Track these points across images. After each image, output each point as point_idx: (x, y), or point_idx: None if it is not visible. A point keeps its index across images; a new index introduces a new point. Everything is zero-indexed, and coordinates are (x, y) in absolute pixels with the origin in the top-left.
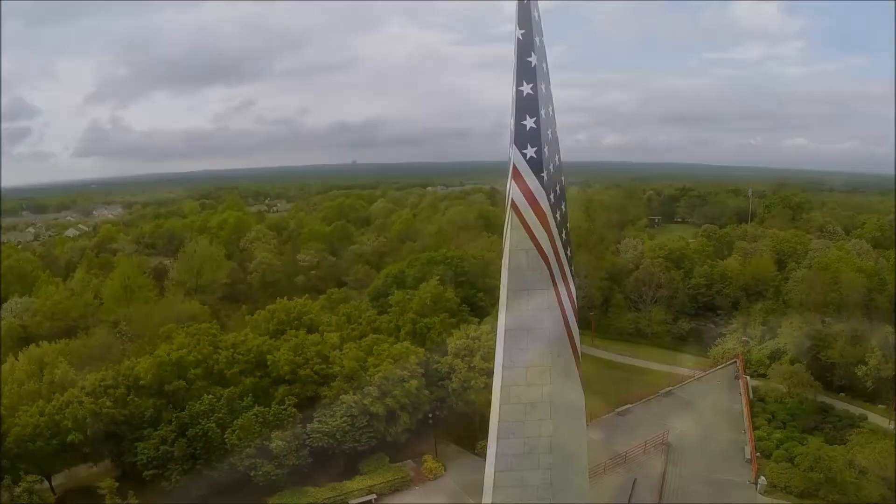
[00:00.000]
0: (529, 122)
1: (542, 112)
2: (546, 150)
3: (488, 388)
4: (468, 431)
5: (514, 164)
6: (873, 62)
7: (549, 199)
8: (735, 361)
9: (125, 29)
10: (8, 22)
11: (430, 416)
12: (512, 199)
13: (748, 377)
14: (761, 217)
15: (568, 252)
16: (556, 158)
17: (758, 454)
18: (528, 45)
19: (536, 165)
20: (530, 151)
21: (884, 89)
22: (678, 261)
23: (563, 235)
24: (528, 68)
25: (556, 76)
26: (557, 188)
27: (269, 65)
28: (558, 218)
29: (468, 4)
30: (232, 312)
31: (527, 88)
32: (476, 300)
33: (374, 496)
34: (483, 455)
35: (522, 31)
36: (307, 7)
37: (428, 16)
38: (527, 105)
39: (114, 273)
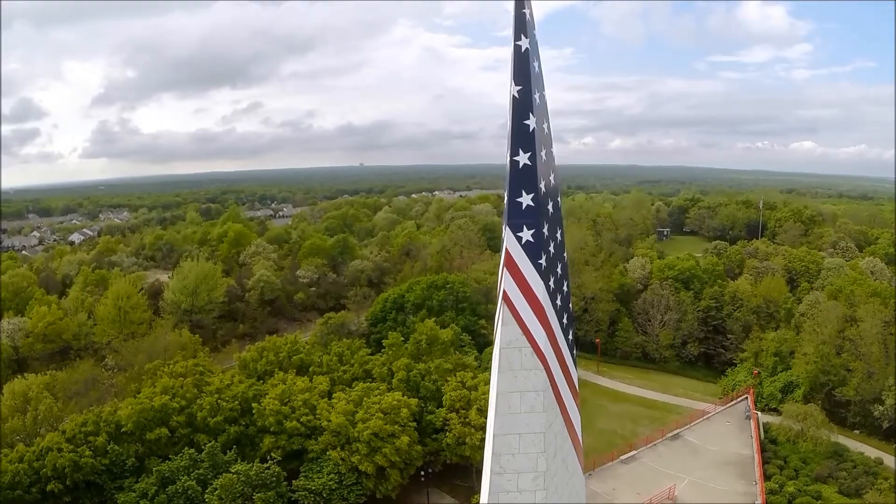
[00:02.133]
0: (526, 200)
1: (542, 185)
2: (546, 229)
3: (483, 444)
4: (464, 481)
5: (506, 249)
6: (881, 65)
7: (548, 287)
8: (746, 397)
9: (133, 31)
10: (17, 24)
11: (423, 471)
12: (504, 290)
13: (759, 413)
14: (772, 231)
15: (569, 337)
16: (558, 234)
17: None
18: (525, 105)
19: (534, 250)
20: (527, 235)
21: (890, 92)
22: (687, 281)
23: (565, 320)
24: (524, 134)
25: (563, 79)
26: (558, 268)
27: (277, 67)
28: (559, 304)
29: (475, 7)
30: (229, 332)
31: (523, 158)
32: (477, 328)
33: None
34: None
35: (519, 88)
36: (315, 10)
37: (435, 18)
38: (523, 178)
39: (108, 292)
